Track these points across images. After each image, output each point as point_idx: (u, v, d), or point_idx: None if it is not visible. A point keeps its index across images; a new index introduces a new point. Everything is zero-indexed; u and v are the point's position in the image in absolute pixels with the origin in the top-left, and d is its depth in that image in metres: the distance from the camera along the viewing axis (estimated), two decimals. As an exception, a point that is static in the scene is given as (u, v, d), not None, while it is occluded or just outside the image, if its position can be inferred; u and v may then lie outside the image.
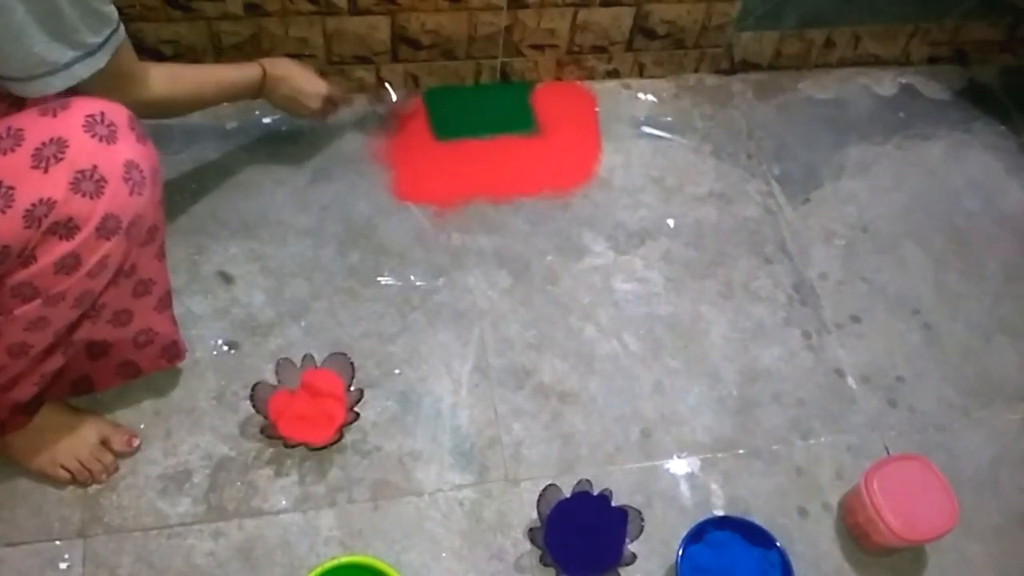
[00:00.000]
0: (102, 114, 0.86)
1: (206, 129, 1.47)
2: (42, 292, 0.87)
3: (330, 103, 1.40)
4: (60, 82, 0.89)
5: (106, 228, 0.86)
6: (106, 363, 1.09)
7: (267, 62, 1.29)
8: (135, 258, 0.96)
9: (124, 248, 0.91)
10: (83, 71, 0.90)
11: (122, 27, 0.95)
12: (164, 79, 1.08)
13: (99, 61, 0.92)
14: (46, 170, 0.81)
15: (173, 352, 1.16)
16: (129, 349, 1.09)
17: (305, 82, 1.34)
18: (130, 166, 0.87)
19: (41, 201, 0.81)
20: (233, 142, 1.49)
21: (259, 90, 1.28)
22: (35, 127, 0.83)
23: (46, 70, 0.87)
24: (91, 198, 0.83)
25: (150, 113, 1.06)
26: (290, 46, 1.47)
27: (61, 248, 0.84)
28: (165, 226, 1.01)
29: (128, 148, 0.87)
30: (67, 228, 0.83)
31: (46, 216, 0.82)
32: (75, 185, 0.82)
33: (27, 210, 0.81)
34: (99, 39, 0.91)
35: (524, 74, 1.65)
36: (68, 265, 0.86)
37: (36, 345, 0.93)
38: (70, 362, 1.05)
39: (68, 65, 0.88)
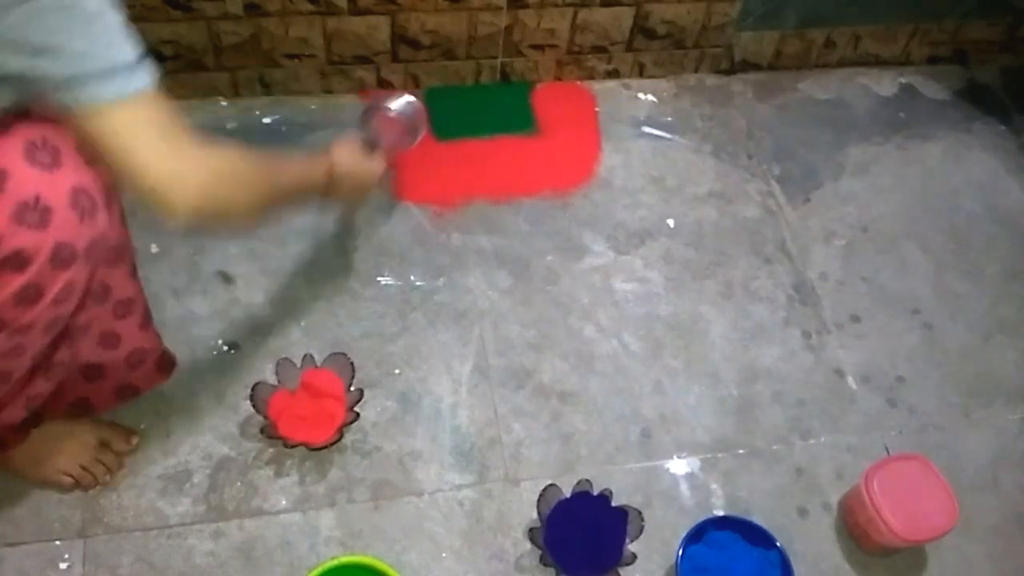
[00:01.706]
0: (43, 139, 0.79)
1: (206, 129, 1.46)
2: (7, 324, 0.82)
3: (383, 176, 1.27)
4: (63, 98, 0.75)
5: (60, 257, 0.80)
6: (103, 385, 1.08)
7: (333, 157, 1.11)
8: (105, 279, 0.93)
9: (87, 271, 0.85)
10: (100, 90, 0.75)
11: (147, 70, 0.79)
12: (225, 155, 0.88)
13: (120, 84, 0.76)
14: None
15: (166, 363, 1.15)
16: (123, 371, 1.07)
17: (364, 171, 1.20)
18: (77, 192, 0.79)
19: None
20: (233, 142, 1.48)
21: (324, 191, 1.10)
22: None
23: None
24: (38, 229, 0.77)
25: (217, 196, 0.85)
26: (290, 46, 1.47)
27: (17, 281, 0.79)
28: (132, 243, 0.98)
29: (73, 173, 0.80)
30: (18, 261, 0.78)
31: None
32: (18, 217, 0.76)
33: None
34: (126, 58, 0.76)
35: (524, 74, 1.65)
36: (29, 296, 0.81)
37: (15, 371, 0.90)
38: (66, 385, 1.04)
39: (72, 80, 0.74)
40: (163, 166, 0.79)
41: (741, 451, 1.29)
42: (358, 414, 1.20)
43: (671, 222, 1.52)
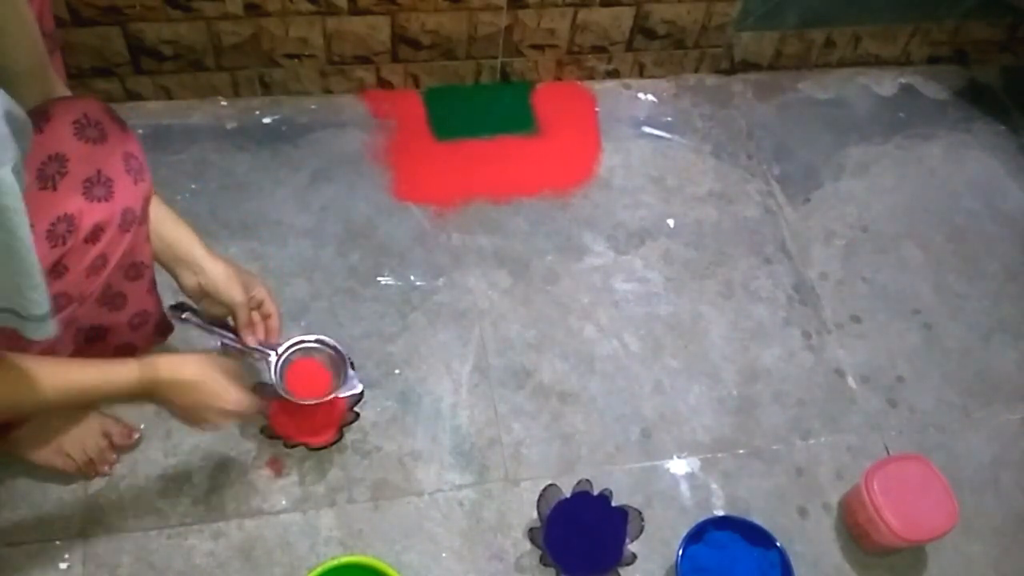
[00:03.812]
0: (85, 116, 0.84)
1: (206, 129, 1.48)
2: (75, 298, 0.88)
3: (241, 417, 1.05)
4: None
5: (125, 222, 0.88)
6: (103, 347, 1.08)
7: (156, 365, 0.93)
8: (132, 241, 0.96)
9: (144, 230, 0.93)
10: None
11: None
12: (28, 381, 0.83)
13: None
14: (55, 188, 0.81)
15: (164, 327, 1.15)
16: (125, 332, 1.07)
17: (211, 395, 0.99)
18: (128, 157, 0.87)
19: (60, 218, 0.81)
20: (233, 142, 1.49)
21: (146, 395, 0.94)
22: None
23: None
24: (105, 201, 0.84)
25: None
26: (290, 46, 1.47)
27: (91, 253, 0.85)
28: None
29: (120, 141, 0.87)
30: (93, 234, 0.84)
31: (69, 232, 0.82)
32: (88, 192, 0.83)
33: (48, 231, 0.80)
34: None
35: (524, 74, 1.65)
36: (97, 266, 0.87)
37: (61, 347, 0.95)
38: (60, 349, 1.04)
39: None
40: None
41: (741, 451, 1.29)
42: (358, 414, 1.20)
43: (671, 222, 1.52)
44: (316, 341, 1.16)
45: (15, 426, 1.08)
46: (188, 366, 0.96)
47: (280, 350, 1.14)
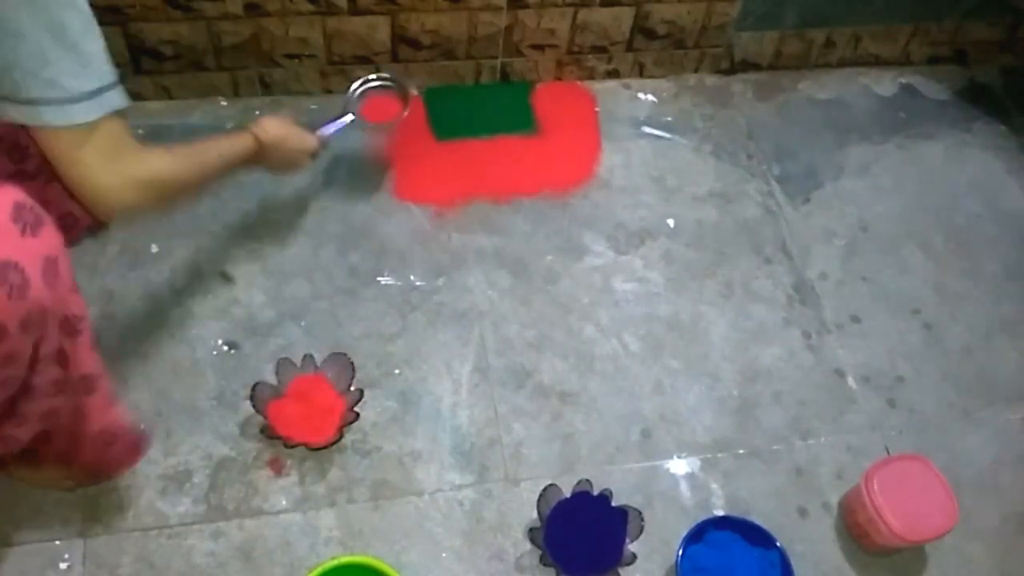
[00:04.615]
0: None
1: (206, 129, 1.48)
2: None
3: (315, 154, 1.33)
4: (16, 113, 0.82)
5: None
6: (83, 454, 1.03)
7: (256, 130, 1.18)
8: (60, 345, 0.88)
9: (29, 341, 0.82)
10: (49, 116, 0.83)
11: (118, 93, 0.89)
12: (163, 153, 0.98)
13: (73, 114, 0.84)
14: None
15: (141, 444, 1.10)
16: (99, 448, 1.03)
17: (297, 140, 1.26)
18: (5, 267, 0.75)
19: None
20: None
21: (254, 158, 1.18)
22: None
23: (4, 93, 0.81)
24: None
25: (147, 195, 0.95)
26: (290, 46, 1.47)
27: None
28: (88, 314, 0.93)
29: (4, 246, 0.76)
30: None
31: None
32: None
33: None
34: (80, 90, 0.84)
35: (524, 74, 1.65)
36: None
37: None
38: (55, 437, 0.99)
39: (31, 102, 0.82)
40: (99, 181, 0.88)
41: (741, 451, 1.29)
42: (358, 414, 1.20)
43: (671, 222, 1.52)
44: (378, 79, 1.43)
45: (9, 468, 1.06)
46: (273, 127, 1.20)
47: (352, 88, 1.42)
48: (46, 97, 0.83)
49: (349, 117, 1.38)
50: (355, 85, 1.42)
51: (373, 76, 1.43)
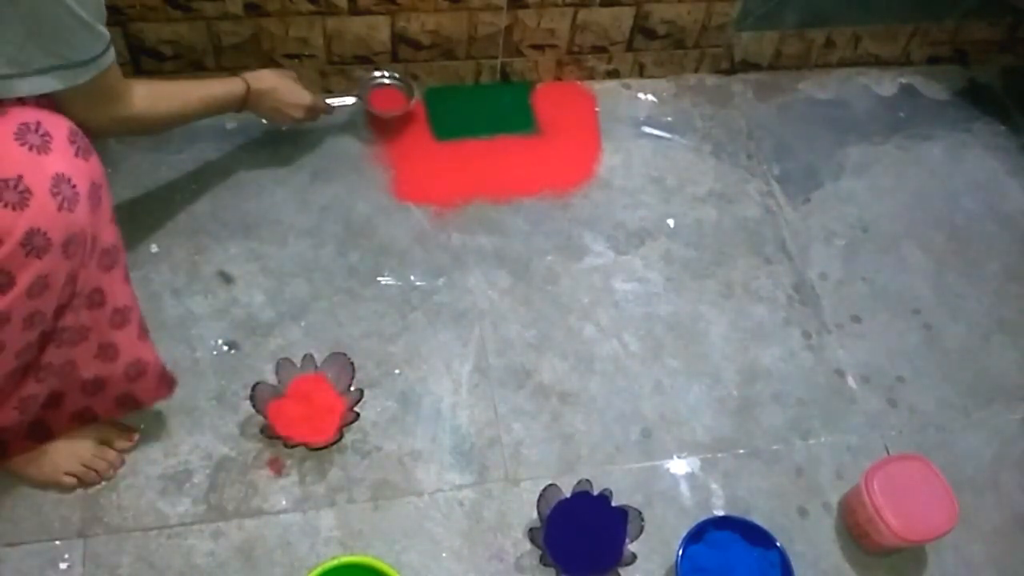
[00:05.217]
0: (38, 123, 0.81)
1: (206, 129, 1.47)
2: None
3: (312, 111, 1.41)
4: (27, 87, 0.85)
5: (33, 244, 0.80)
6: (104, 397, 1.07)
7: (250, 76, 1.29)
8: (97, 283, 0.92)
9: (66, 268, 0.85)
10: (56, 83, 0.88)
11: (112, 49, 0.94)
12: (145, 96, 1.07)
13: (77, 77, 0.90)
14: None
15: (167, 379, 1.13)
16: (123, 383, 1.06)
17: (288, 94, 1.35)
18: (59, 179, 0.81)
19: None
20: (233, 142, 1.49)
21: (243, 103, 1.29)
22: None
23: (14, 72, 0.84)
24: (13, 209, 0.78)
25: (131, 129, 1.11)
26: (290, 46, 1.47)
27: None
28: (123, 248, 0.97)
29: (61, 161, 0.82)
30: None
31: None
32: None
33: None
34: (84, 57, 0.90)
35: (524, 74, 1.65)
36: (1, 284, 0.81)
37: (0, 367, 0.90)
38: (67, 397, 1.04)
39: (41, 71, 0.86)
40: (88, 125, 0.91)
41: (741, 451, 1.29)
42: (358, 414, 1.20)
43: (671, 222, 1.52)
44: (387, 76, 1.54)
45: (11, 453, 1.07)
46: (266, 78, 1.31)
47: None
48: (55, 64, 0.87)
49: (355, 99, 1.50)
50: (371, 75, 1.53)
51: (387, 73, 1.53)
